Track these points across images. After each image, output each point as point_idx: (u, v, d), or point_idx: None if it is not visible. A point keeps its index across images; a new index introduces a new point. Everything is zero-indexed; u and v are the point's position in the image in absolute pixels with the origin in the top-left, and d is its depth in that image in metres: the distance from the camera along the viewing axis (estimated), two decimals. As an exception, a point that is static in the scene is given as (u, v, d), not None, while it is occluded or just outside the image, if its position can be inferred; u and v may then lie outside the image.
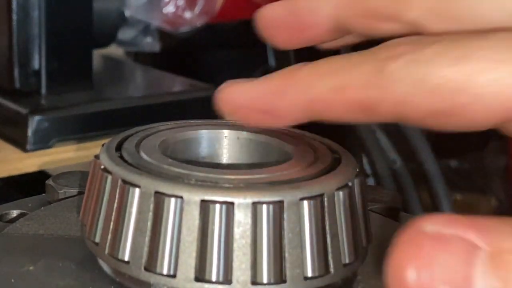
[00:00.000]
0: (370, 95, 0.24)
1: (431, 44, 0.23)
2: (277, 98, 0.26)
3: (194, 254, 0.25)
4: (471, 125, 0.24)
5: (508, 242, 0.18)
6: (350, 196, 0.27)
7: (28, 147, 0.67)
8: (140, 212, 0.26)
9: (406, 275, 0.18)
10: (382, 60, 0.24)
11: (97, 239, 0.27)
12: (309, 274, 0.26)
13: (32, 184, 0.69)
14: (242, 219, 0.25)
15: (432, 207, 0.81)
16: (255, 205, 0.25)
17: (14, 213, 0.35)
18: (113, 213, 0.27)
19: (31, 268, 0.28)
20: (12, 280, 0.28)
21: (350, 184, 0.27)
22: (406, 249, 0.18)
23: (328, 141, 0.31)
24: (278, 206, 0.25)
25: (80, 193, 0.35)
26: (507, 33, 0.23)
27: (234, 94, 0.27)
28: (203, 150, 0.32)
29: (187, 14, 0.86)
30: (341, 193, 0.27)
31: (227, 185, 0.26)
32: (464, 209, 0.87)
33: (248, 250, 0.25)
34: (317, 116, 0.26)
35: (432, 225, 0.18)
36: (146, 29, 0.85)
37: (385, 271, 0.18)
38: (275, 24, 0.30)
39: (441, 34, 0.25)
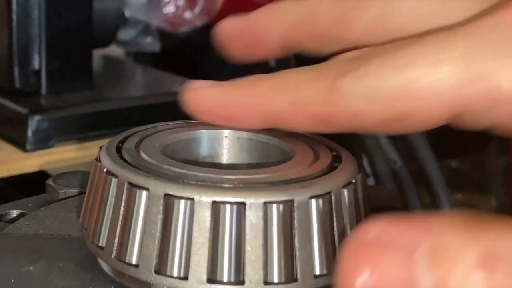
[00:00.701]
0: (326, 110, 0.27)
1: (374, 58, 0.26)
2: (238, 108, 0.29)
3: (205, 256, 0.25)
4: (423, 125, 0.26)
5: (445, 236, 0.18)
6: (355, 193, 0.27)
7: (28, 147, 0.67)
8: (148, 214, 0.26)
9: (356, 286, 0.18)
10: (333, 78, 0.26)
11: (102, 243, 0.27)
12: (319, 272, 0.26)
13: (32, 184, 0.69)
14: (253, 219, 0.25)
15: (432, 207, 0.81)
16: (266, 205, 0.25)
17: (14, 213, 0.34)
18: (120, 216, 0.26)
19: (31, 268, 0.28)
20: (12, 280, 0.28)
21: (354, 181, 0.27)
22: (352, 259, 0.19)
23: (328, 141, 0.31)
24: (289, 205, 0.25)
25: (81, 193, 0.35)
26: (436, 34, 0.25)
27: (200, 97, 0.30)
28: (203, 150, 0.32)
29: (187, 14, 0.86)
30: (346, 190, 0.27)
31: (238, 185, 0.26)
32: (464, 209, 0.87)
33: (260, 250, 0.25)
34: (276, 125, 0.29)
35: (371, 232, 0.19)
36: (146, 29, 0.85)
37: (334, 280, 0.19)
38: (232, 38, 0.33)
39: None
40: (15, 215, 0.34)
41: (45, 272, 0.28)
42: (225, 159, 0.32)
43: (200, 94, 0.30)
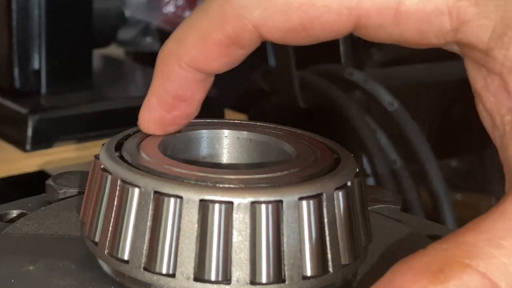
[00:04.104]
0: (228, 31, 0.27)
1: None
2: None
3: (193, 254, 0.25)
4: (326, 35, 0.26)
5: None
6: (349, 196, 0.27)
7: (28, 147, 0.67)
8: (139, 212, 0.26)
9: None
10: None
11: (97, 239, 0.27)
12: (308, 273, 0.26)
13: (32, 184, 0.69)
14: (241, 218, 0.25)
15: (432, 207, 0.81)
16: (254, 205, 0.25)
17: (14, 213, 0.34)
18: (113, 213, 0.27)
19: (31, 268, 0.28)
20: (12, 280, 0.28)
21: (349, 184, 0.27)
22: None
23: (328, 141, 0.31)
24: (277, 206, 0.25)
25: (80, 193, 0.35)
26: None
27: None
28: (203, 150, 0.32)
29: (187, 14, 0.86)
30: (340, 193, 0.27)
31: (226, 185, 0.26)
32: (464, 209, 0.87)
33: (247, 250, 0.25)
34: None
35: None
36: (146, 29, 0.85)
37: None
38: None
39: None
40: (15, 215, 0.34)
41: (45, 272, 0.28)
42: (225, 159, 0.32)
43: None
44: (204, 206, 0.25)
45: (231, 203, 0.25)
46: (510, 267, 0.20)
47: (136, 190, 0.26)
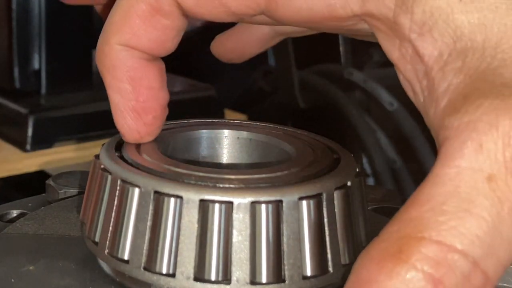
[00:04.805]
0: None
1: None
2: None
3: (193, 254, 0.25)
4: (239, 8, 0.26)
5: None
6: (349, 196, 0.27)
7: (28, 147, 0.67)
8: (139, 211, 0.26)
9: None
10: None
11: (97, 239, 0.27)
12: (308, 273, 0.26)
13: (32, 184, 0.69)
14: (241, 218, 0.25)
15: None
16: (254, 205, 0.25)
17: (14, 213, 0.35)
18: (113, 213, 0.27)
19: (31, 268, 0.28)
20: (12, 280, 0.28)
21: (349, 184, 0.27)
22: None
23: (328, 141, 0.31)
24: (277, 206, 0.25)
25: (80, 193, 0.35)
26: None
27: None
28: (203, 150, 0.32)
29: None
30: (339, 192, 0.27)
31: (226, 185, 0.26)
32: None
33: (247, 250, 0.25)
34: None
35: None
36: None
37: None
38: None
39: None
40: (15, 215, 0.34)
41: (45, 272, 0.28)
42: (225, 159, 0.32)
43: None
44: (204, 206, 0.25)
45: (231, 203, 0.25)
46: (459, 227, 0.20)
47: (136, 190, 0.26)
